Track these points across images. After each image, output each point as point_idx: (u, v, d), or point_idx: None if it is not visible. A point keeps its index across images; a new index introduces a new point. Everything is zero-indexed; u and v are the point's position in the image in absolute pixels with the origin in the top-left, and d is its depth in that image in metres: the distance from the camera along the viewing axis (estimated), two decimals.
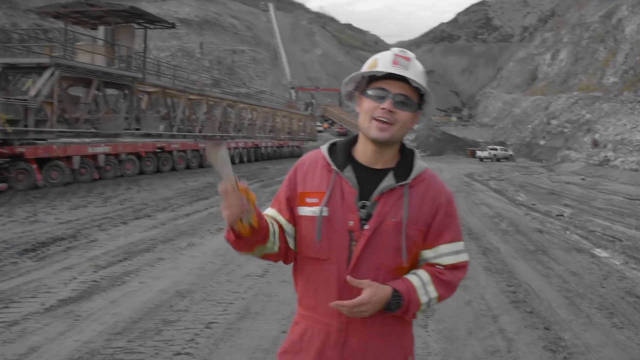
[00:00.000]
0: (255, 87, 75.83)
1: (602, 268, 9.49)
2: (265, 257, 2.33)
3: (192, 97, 32.19)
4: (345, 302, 2.12)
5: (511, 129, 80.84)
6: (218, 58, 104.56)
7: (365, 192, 2.25)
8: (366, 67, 2.32)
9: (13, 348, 5.22)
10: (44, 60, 20.76)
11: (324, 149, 2.39)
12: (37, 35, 41.18)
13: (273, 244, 2.28)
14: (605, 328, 6.36)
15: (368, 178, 2.27)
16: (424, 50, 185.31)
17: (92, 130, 23.07)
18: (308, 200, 2.30)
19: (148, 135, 26.66)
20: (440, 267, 2.29)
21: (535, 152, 61.35)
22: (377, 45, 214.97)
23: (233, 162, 34.40)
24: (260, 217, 2.16)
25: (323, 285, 2.26)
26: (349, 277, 2.16)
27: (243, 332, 5.78)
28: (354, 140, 2.39)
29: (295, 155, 49.95)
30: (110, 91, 28.19)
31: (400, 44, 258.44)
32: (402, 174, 2.27)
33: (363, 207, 2.23)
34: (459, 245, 2.33)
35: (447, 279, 2.27)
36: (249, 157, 38.54)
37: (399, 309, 2.17)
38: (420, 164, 2.33)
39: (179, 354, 5.19)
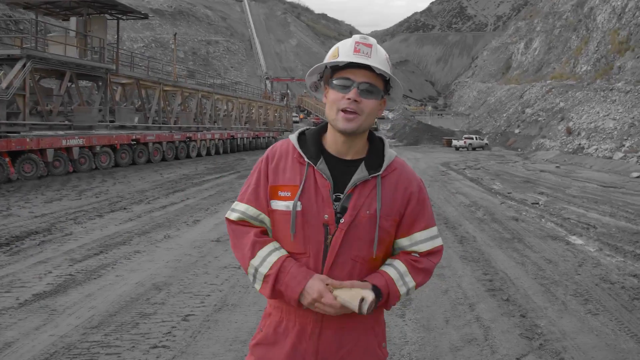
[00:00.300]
0: (230, 78, 75.34)
1: (577, 255, 9.60)
2: None
3: (166, 88, 31.93)
4: (327, 309, 2.12)
5: (486, 118, 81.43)
6: (192, 49, 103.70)
7: (338, 185, 2.24)
8: (328, 57, 2.30)
9: None
10: (15, 51, 20.44)
11: (293, 139, 2.36)
12: (8, 26, 40.49)
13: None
14: (580, 314, 6.44)
15: (340, 170, 2.26)
16: (398, 40, 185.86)
17: (66, 122, 22.78)
18: (281, 194, 2.27)
19: (123, 127, 26.41)
20: (416, 255, 2.31)
21: (510, 140, 61.86)
22: (352, 35, 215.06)
23: (209, 154, 34.26)
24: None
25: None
26: (328, 281, 2.15)
27: (220, 324, 5.76)
28: (323, 129, 2.37)
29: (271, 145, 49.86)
30: (83, 83, 27.84)
31: (375, 34, 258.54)
32: (373, 164, 2.26)
33: (337, 199, 2.22)
34: (433, 230, 2.35)
35: (424, 266, 2.30)
36: (224, 149, 38.36)
37: (378, 303, 2.17)
38: (390, 152, 2.33)
39: (155, 347, 5.15)
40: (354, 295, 2.07)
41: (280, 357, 2.28)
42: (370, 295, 2.07)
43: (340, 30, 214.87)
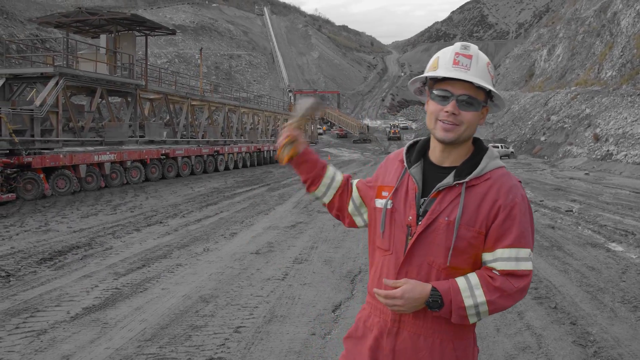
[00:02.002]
0: (253, 91, 75.81)
1: (619, 262, 9.50)
2: (326, 206, 2.75)
3: (194, 102, 32.22)
4: (381, 291, 2.19)
5: (511, 126, 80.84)
6: (215, 63, 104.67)
7: (428, 190, 2.28)
8: (429, 67, 2.34)
9: (45, 357, 5.23)
10: (48, 69, 20.78)
11: (406, 145, 2.48)
12: (35, 44, 41.26)
13: (324, 193, 2.68)
14: (631, 321, 6.38)
15: (434, 176, 2.30)
16: (420, 50, 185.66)
17: (97, 138, 23.08)
18: (383, 193, 2.41)
19: (152, 142, 26.69)
20: (495, 272, 2.19)
21: (536, 148, 61.35)
22: (373, 46, 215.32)
23: (236, 167, 34.44)
24: (305, 162, 2.67)
25: (384, 275, 2.31)
26: (385, 280, 2.22)
27: (272, 336, 5.79)
28: (430, 139, 2.43)
29: None
30: (113, 99, 28.21)
31: (396, 44, 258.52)
32: (464, 172, 2.25)
33: (424, 203, 2.27)
34: (522, 252, 2.19)
35: (499, 286, 2.17)
36: (251, 162, 38.56)
37: (439, 309, 2.16)
38: (491, 163, 2.28)
39: (211, 358, 5.20)
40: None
41: (365, 351, 2.35)
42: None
43: (361, 41, 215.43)
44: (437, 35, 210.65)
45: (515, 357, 5.32)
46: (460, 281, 2.19)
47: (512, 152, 59.50)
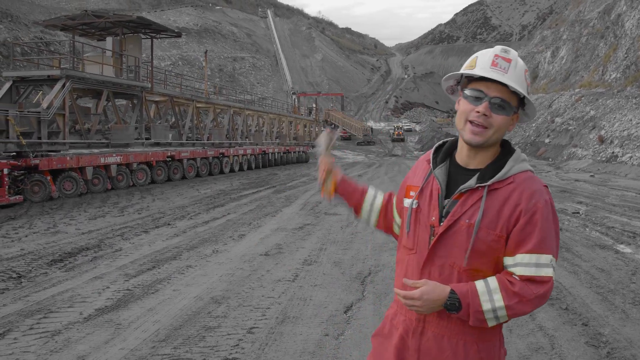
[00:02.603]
0: (257, 93, 75.89)
1: (628, 264, 9.50)
2: (377, 228, 2.81)
3: (199, 105, 32.26)
4: (400, 291, 2.23)
5: (515, 128, 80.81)
6: (219, 66, 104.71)
7: (452, 191, 2.31)
8: (466, 66, 2.34)
9: (61, 357, 5.27)
10: (55, 72, 20.82)
11: (435, 146, 2.51)
12: (39, 47, 41.35)
13: (368, 216, 2.76)
14: None
15: (459, 178, 2.32)
16: (424, 52, 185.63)
17: (103, 140, 23.14)
18: (411, 193, 2.45)
19: (158, 144, 26.73)
20: (515, 277, 2.19)
21: (541, 150, 61.28)
22: (376, 48, 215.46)
23: (241, 169, 34.49)
24: (345, 193, 2.75)
25: (409, 274, 2.35)
26: (404, 279, 2.25)
27: (286, 337, 5.81)
28: (458, 140, 2.45)
29: (301, 160, 49.88)
30: (119, 101, 28.26)
31: (399, 46, 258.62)
32: (487, 175, 2.26)
33: (447, 205, 2.29)
34: (543, 258, 2.17)
35: (518, 291, 2.15)
36: (256, 164, 38.56)
37: (457, 311, 2.17)
38: (517, 166, 2.28)
39: (226, 359, 5.22)
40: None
41: (391, 350, 2.38)
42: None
43: (364, 43, 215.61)
44: (441, 38, 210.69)
45: (529, 358, 5.34)
46: (479, 285, 2.19)
47: None
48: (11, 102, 20.93)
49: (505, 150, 2.36)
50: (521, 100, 2.29)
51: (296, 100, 76.28)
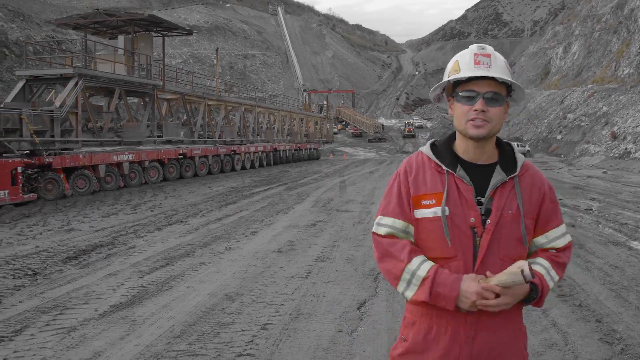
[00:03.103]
0: (268, 91, 75.96)
1: None
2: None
3: (210, 102, 32.36)
4: (490, 302, 2.19)
5: (527, 125, 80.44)
6: (230, 63, 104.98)
7: (477, 188, 2.34)
8: (449, 71, 2.42)
9: (78, 353, 5.32)
10: (67, 71, 20.96)
11: (426, 151, 2.49)
12: (52, 46, 41.59)
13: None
14: None
15: (477, 174, 2.37)
16: (434, 48, 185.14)
17: (116, 138, 23.27)
18: (424, 202, 2.38)
19: (170, 142, 26.86)
20: (554, 251, 2.43)
21: (553, 146, 61.00)
22: (387, 45, 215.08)
23: (252, 166, 34.56)
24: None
25: None
26: (479, 278, 2.23)
27: (300, 333, 5.84)
28: (451, 138, 2.49)
29: (312, 157, 50.01)
30: (130, 99, 28.40)
31: (410, 43, 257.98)
32: (508, 167, 2.38)
33: (479, 203, 2.33)
34: (563, 227, 2.48)
35: (563, 261, 2.43)
36: (268, 161, 38.68)
37: (536, 299, 2.30)
38: (520, 156, 2.44)
39: (241, 355, 5.26)
40: (511, 271, 2.17)
41: None
42: (524, 264, 2.16)
43: (375, 40, 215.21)
44: (452, 34, 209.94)
45: (542, 354, 5.34)
46: (539, 268, 2.35)
47: (528, 150, 59.20)
48: (24, 101, 21.12)
49: (502, 143, 2.49)
50: (507, 88, 2.39)
51: (307, 97, 76.30)
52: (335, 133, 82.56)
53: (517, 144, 59.03)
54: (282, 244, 10.79)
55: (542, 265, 2.36)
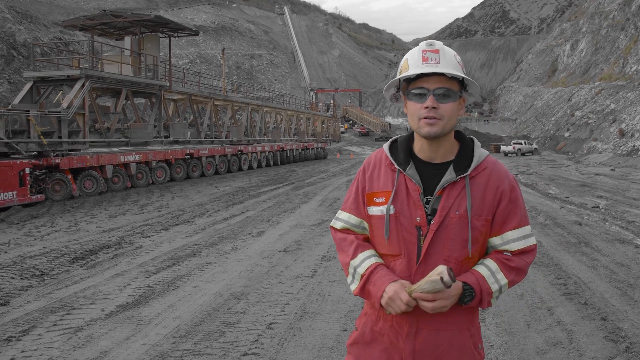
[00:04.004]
0: (275, 90, 76.05)
1: None
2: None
3: (217, 102, 32.42)
4: (427, 305, 2.18)
5: (534, 122, 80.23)
6: (237, 63, 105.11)
7: (428, 188, 2.34)
8: (399, 70, 2.40)
9: (84, 352, 5.36)
10: (75, 72, 21.04)
11: (385, 148, 2.49)
12: (59, 47, 41.73)
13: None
14: None
15: (430, 173, 2.36)
16: None
17: (123, 139, 23.35)
18: (376, 200, 2.41)
19: (176, 142, 26.94)
20: (508, 254, 2.34)
21: (560, 144, 60.80)
22: (394, 44, 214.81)
23: (259, 166, 34.62)
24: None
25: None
26: (414, 294, 2.20)
27: (305, 332, 5.86)
28: (411, 136, 2.47)
29: (320, 157, 50.05)
30: (137, 100, 28.49)
31: (417, 42, 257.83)
32: (461, 166, 2.34)
33: (428, 202, 2.32)
34: (526, 229, 2.36)
35: (515, 265, 2.32)
36: (275, 161, 38.73)
37: (472, 301, 2.25)
38: (481, 152, 2.38)
39: (246, 354, 5.28)
40: (430, 279, 2.14)
41: (377, 356, 2.39)
42: (443, 269, 2.12)
43: (381, 39, 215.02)
44: (458, 32, 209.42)
45: (546, 352, 5.34)
46: (482, 270, 2.30)
47: (535, 148, 59.05)
48: (32, 102, 21.23)
49: (463, 140, 2.43)
50: (461, 83, 2.36)
51: (314, 96, 76.31)
52: (342, 132, 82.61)
53: (525, 142, 58.94)
54: (288, 243, 10.82)
55: (487, 267, 2.31)
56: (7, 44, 42.30)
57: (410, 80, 2.34)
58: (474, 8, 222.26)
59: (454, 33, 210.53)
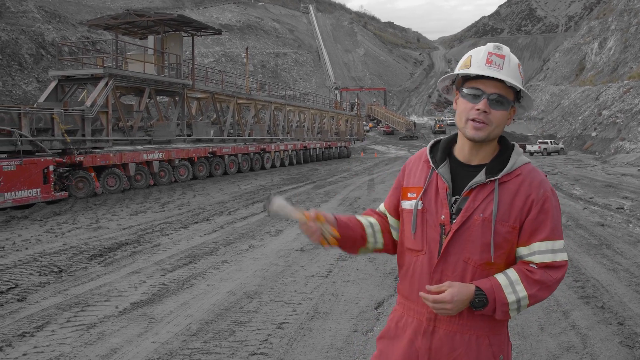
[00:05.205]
0: (300, 89, 76.15)
1: None
2: (382, 251, 2.62)
3: (240, 101, 32.53)
4: (428, 296, 2.19)
5: (561, 122, 79.29)
6: (262, 62, 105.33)
7: (459, 188, 2.32)
8: (460, 65, 2.36)
9: (95, 349, 5.40)
10: (98, 71, 21.26)
11: (428, 145, 2.50)
12: (86, 47, 42.19)
13: (374, 243, 2.59)
14: None
15: (463, 174, 2.35)
16: (467, 45, 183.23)
17: (146, 137, 23.54)
18: (409, 194, 2.44)
19: (199, 140, 27.08)
20: (533, 266, 2.26)
21: (587, 144, 60.00)
22: (419, 42, 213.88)
23: (282, 165, 34.67)
24: (346, 227, 2.48)
25: (417, 275, 2.35)
26: (427, 286, 2.23)
27: (315, 332, 5.84)
28: (455, 137, 2.46)
29: (343, 155, 49.98)
30: (160, 99, 28.68)
31: (442, 40, 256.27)
32: (494, 169, 2.30)
33: (456, 202, 2.30)
34: (557, 244, 2.27)
35: (539, 279, 2.23)
36: (298, 159, 38.75)
37: (484, 307, 2.20)
38: (520, 159, 2.33)
39: (254, 354, 5.28)
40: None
41: (399, 351, 2.38)
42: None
43: (407, 37, 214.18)
44: (484, 30, 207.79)
45: (559, 357, 5.26)
46: (501, 278, 2.23)
47: (562, 148, 58.35)
48: (56, 100, 21.49)
49: (504, 145, 2.40)
50: (517, 93, 2.34)
51: (338, 95, 76.20)
52: (367, 131, 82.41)
53: (551, 142, 58.24)
54: (306, 242, 10.79)
55: (507, 276, 2.24)
56: (36, 43, 42.72)
57: (467, 78, 2.32)
58: (500, 6, 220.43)
59: (480, 31, 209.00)
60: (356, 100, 73.21)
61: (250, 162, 30.99)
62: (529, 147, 58.54)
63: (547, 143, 57.94)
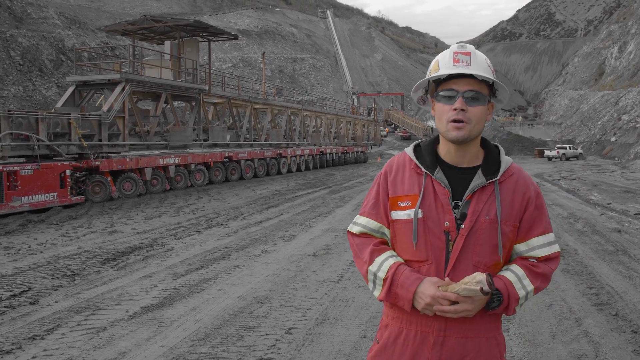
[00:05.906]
0: (317, 94, 76.19)
1: None
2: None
3: (257, 106, 32.62)
4: (449, 308, 2.15)
5: (579, 127, 78.69)
6: (279, 67, 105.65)
7: (455, 192, 2.29)
8: (430, 71, 2.36)
9: (103, 353, 5.41)
10: (115, 76, 21.44)
11: (409, 151, 2.45)
12: (105, 52, 42.56)
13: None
14: None
15: (457, 178, 2.32)
16: (485, 50, 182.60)
17: (162, 142, 23.67)
18: (401, 204, 2.35)
19: (215, 145, 27.19)
20: (534, 260, 2.32)
21: (606, 149, 59.43)
22: (437, 47, 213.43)
23: (299, 170, 34.69)
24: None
25: None
26: (440, 284, 2.19)
27: (323, 338, 5.82)
28: (436, 140, 2.43)
29: (359, 160, 49.94)
30: (177, 104, 28.84)
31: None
32: (490, 170, 2.30)
33: (456, 207, 2.27)
34: (550, 236, 2.35)
35: (542, 271, 2.30)
36: (314, 164, 38.77)
37: (499, 306, 2.21)
38: (507, 159, 2.36)
39: (262, 359, 5.26)
40: (469, 288, 2.10)
41: None
42: (482, 277, 2.08)
43: (425, 42, 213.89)
44: (503, 35, 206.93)
45: None
46: (509, 275, 2.27)
47: (580, 153, 57.87)
48: (74, 105, 21.70)
49: (488, 145, 2.41)
50: (491, 88, 2.33)
51: (356, 100, 76.16)
52: (384, 136, 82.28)
53: (569, 147, 57.79)
54: (318, 247, 10.79)
55: (513, 273, 2.28)
56: (56, 49, 43.23)
57: (439, 82, 2.32)
58: (518, 10, 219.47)
59: (498, 36, 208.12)
60: (373, 105, 73.17)
61: (266, 167, 31.06)
62: (547, 153, 58.14)
63: (566, 148, 57.50)
